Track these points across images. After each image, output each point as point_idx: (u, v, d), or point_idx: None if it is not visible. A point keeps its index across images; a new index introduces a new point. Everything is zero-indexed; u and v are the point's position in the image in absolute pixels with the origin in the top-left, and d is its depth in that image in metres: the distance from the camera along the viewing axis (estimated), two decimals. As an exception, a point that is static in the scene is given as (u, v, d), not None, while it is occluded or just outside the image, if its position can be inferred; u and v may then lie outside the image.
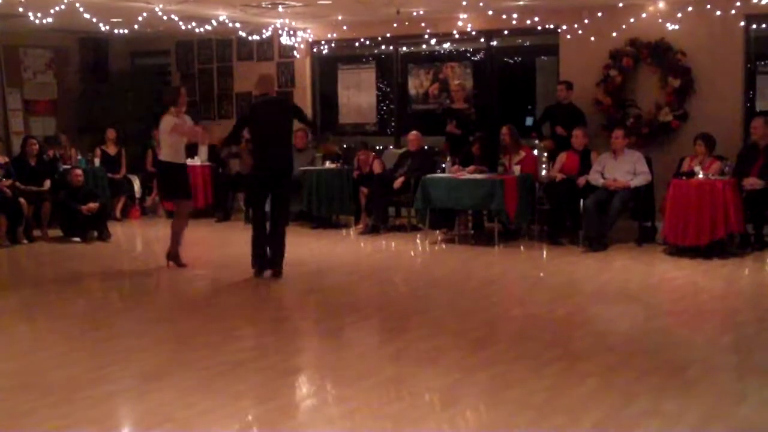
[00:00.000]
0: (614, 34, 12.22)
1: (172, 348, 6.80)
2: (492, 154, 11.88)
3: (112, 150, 14.52)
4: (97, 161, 14.15)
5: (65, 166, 13.25)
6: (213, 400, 5.42)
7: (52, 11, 11.33)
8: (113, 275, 10.24)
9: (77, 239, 12.17)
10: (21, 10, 11.29)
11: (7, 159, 12.49)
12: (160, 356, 6.53)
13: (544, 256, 10.84)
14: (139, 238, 13.20)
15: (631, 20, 12.10)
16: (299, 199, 12.97)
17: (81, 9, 11.13)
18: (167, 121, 9.71)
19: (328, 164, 13.37)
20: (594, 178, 11.06)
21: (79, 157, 13.93)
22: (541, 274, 9.83)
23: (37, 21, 12.17)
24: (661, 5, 11.91)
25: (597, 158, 11.29)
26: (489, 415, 5.21)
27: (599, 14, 12.18)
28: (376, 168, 12.90)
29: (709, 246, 10.05)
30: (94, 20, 12.11)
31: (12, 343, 7.08)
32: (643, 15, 12.03)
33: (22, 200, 11.90)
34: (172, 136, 9.66)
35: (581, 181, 11.11)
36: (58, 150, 13.60)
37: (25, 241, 11.96)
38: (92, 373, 6.05)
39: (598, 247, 10.68)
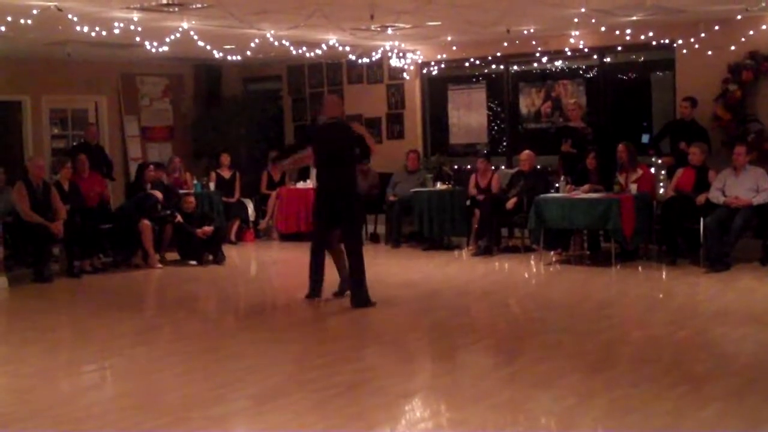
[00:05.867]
0: (732, 48, 11.88)
1: (287, 369, 6.82)
2: (607, 173, 11.65)
3: (226, 174, 14.77)
4: (212, 185, 14.40)
5: (182, 191, 13.48)
6: (328, 421, 5.40)
7: (167, 40, 11.60)
8: (228, 297, 10.38)
9: (193, 262, 12.39)
10: (138, 39, 11.60)
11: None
12: (275, 377, 6.55)
13: (664, 276, 10.56)
14: (254, 260, 13.37)
15: (750, 32, 11.73)
16: (410, 220, 13.02)
17: (195, 37, 11.36)
18: None
19: (439, 185, 13.33)
20: (715, 195, 10.73)
21: (195, 181, 14.20)
22: (661, 295, 9.56)
23: (153, 50, 12.49)
24: (782, 16, 11.54)
25: (716, 176, 10.96)
26: (609, 440, 5.06)
27: (716, 27, 11.86)
28: (495, 185, 12.77)
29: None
30: (208, 48, 12.36)
31: (130, 363, 7.21)
32: (763, 27, 11.66)
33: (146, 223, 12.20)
34: None
35: (701, 198, 10.80)
36: (170, 175, 13.83)
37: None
38: (208, 393, 6.11)
39: (720, 267, 10.33)
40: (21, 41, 11.65)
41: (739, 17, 11.60)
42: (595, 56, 13.56)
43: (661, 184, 12.18)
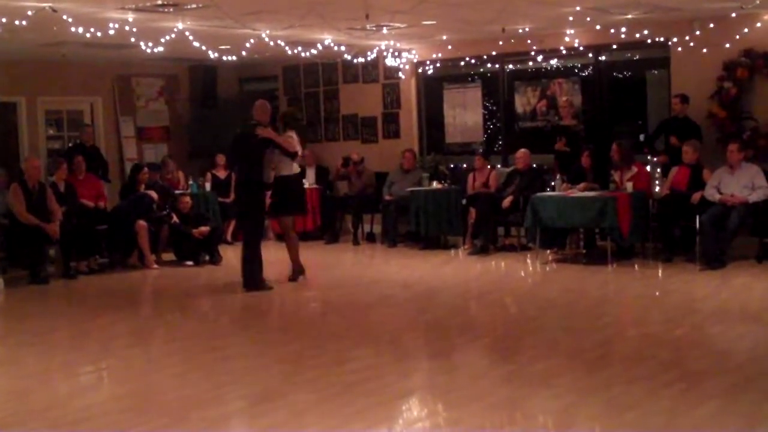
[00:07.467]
0: (727, 45, 11.86)
1: (284, 369, 6.81)
2: (603, 171, 11.65)
3: (221, 174, 14.75)
4: (207, 186, 14.38)
5: (177, 191, 13.45)
6: (325, 422, 5.39)
7: (162, 40, 11.59)
8: (225, 297, 10.36)
9: (190, 263, 12.38)
10: (133, 40, 11.59)
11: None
12: (272, 377, 6.55)
13: (660, 274, 10.56)
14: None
15: (745, 30, 11.72)
16: (407, 219, 13.05)
17: (190, 38, 11.35)
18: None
19: (435, 184, 13.33)
20: (710, 193, 10.74)
21: (191, 182, 14.18)
22: (657, 293, 9.58)
23: (148, 50, 12.47)
24: (777, 14, 11.55)
25: (710, 175, 10.96)
26: (607, 438, 5.06)
27: (711, 25, 11.85)
28: (492, 182, 12.76)
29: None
30: (203, 48, 12.34)
31: (127, 365, 7.20)
32: (758, 24, 11.67)
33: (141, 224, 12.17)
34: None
35: (696, 197, 10.81)
36: (164, 175, 13.78)
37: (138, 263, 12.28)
38: (205, 394, 6.10)
39: (716, 264, 10.35)
40: (16, 42, 11.63)
41: (733, 15, 11.58)
42: (590, 54, 13.53)
43: (657, 182, 12.17)
